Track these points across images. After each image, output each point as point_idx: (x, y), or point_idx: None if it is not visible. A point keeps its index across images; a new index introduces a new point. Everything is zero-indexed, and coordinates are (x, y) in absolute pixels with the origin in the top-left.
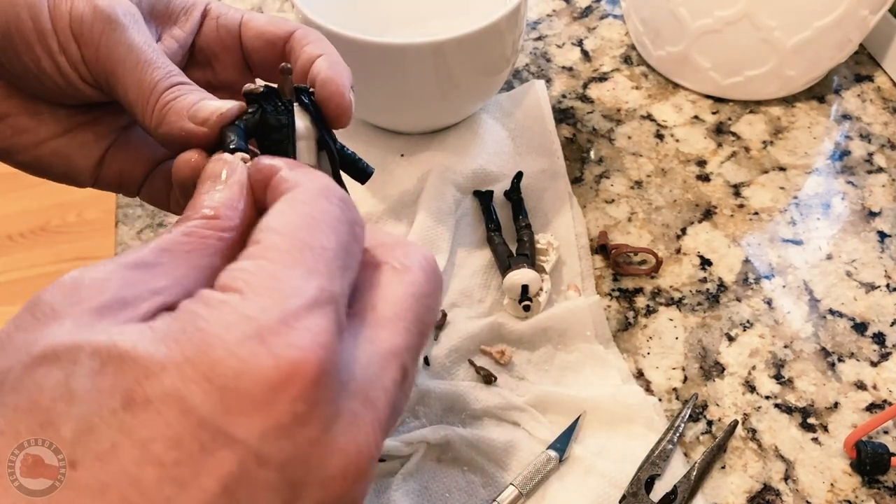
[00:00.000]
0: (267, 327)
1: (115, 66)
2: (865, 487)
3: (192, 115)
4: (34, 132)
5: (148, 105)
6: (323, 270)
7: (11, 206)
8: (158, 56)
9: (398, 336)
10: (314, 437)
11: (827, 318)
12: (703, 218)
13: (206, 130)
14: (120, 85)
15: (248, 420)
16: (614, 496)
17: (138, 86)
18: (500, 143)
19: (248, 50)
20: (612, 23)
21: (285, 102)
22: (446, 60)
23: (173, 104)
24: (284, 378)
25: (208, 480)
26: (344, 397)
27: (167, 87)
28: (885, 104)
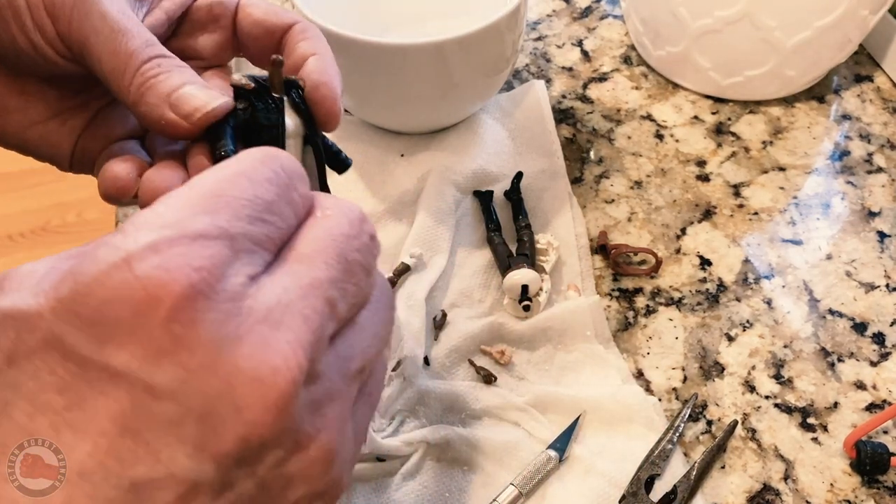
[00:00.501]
0: (134, 254)
1: (89, 37)
2: (865, 487)
3: (175, 103)
4: (23, 113)
5: (125, 77)
6: (224, 214)
7: (11, 206)
8: (134, 25)
9: (317, 269)
10: (206, 362)
11: (827, 318)
12: (702, 218)
13: (188, 127)
14: (94, 55)
15: (124, 349)
16: (614, 496)
17: (113, 55)
18: (500, 143)
19: (243, 34)
20: (612, 23)
21: (276, 100)
22: (446, 60)
23: (154, 82)
24: (151, 298)
25: (103, 421)
26: (244, 321)
27: (146, 60)
28: (884, 104)
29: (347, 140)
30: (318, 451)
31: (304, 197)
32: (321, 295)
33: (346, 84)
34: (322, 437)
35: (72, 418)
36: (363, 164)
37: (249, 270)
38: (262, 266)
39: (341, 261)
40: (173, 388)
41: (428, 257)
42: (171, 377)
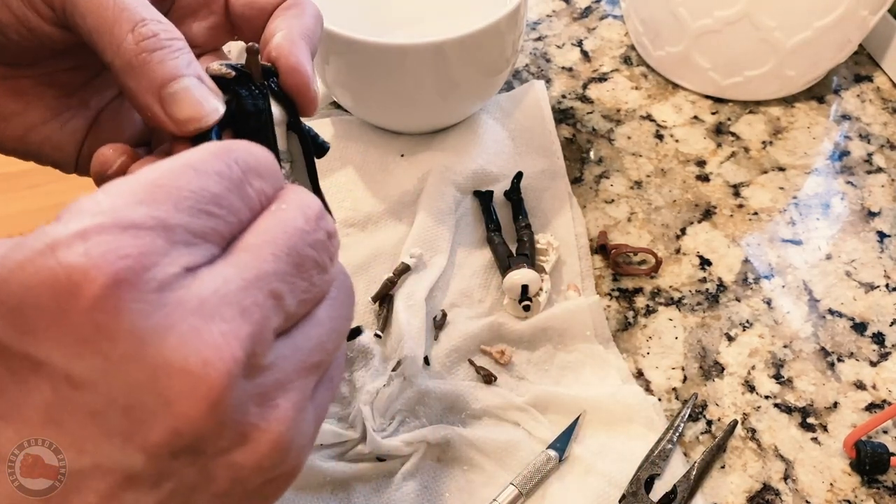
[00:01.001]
0: (61, 240)
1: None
2: (865, 487)
3: (168, 101)
4: (22, 117)
5: (113, 34)
6: (164, 205)
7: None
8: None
9: (263, 261)
10: (130, 352)
11: (826, 318)
12: (702, 218)
13: (175, 131)
14: (78, 11)
15: (45, 338)
16: (614, 496)
17: (101, 9)
18: (500, 143)
19: (236, 16)
20: (612, 23)
21: (260, 87)
22: (446, 61)
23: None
24: (72, 286)
25: (28, 411)
26: (173, 312)
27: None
28: (884, 104)
29: (347, 140)
30: (270, 443)
31: (260, 192)
32: (265, 287)
33: (346, 84)
34: (273, 428)
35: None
36: (363, 164)
37: (186, 262)
38: (205, 258)
39: (292, 254)
40: (95, 379)
41: (428, 257)
42: (92, 367)
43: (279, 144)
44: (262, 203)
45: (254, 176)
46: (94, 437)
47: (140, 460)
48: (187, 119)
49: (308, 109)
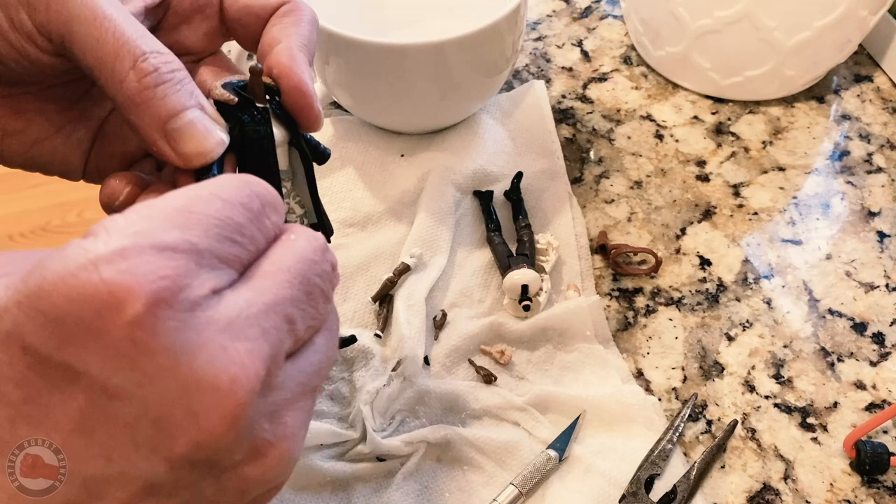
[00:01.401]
0: (102, 257)
1: (70, 24)
2: (865, 487)
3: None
4: (25, 133)
5: (115, 70)
6: (195, 230)
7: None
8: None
9: (279, 287)
10: (165, 367)
11: (826, 318)
12: (702, 218)
13: (180, 164)
14: (77, 44)
15: (85, 349)
16: (614, 496)
17: (99, 44)
18: (500, 143)
19: (231, 21)
20: (612, 23)
21: (261, 111)
22: (446, 61)
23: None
24: (115, 301)
25: (61, 417)
26: (204, 331)
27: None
28: (884, 104)
29: (347, 140)
30: (277, 457)
31: (275, 225)
32: (281, 311)
33: (346, 84)
34: (281, 444)
35: (28, 412)
36: (363, 164)
37: (213, 284)
38: (227, 282)
39: (304, 283)
40: (130, 391)
41: (428, 257)
42: (128, 380)
43: (280, 164)
44: (275, 234)
45: (271, 210)
46: (123, 447)
47: (162, 470)
48: (193, 154)
49: (312, 127)
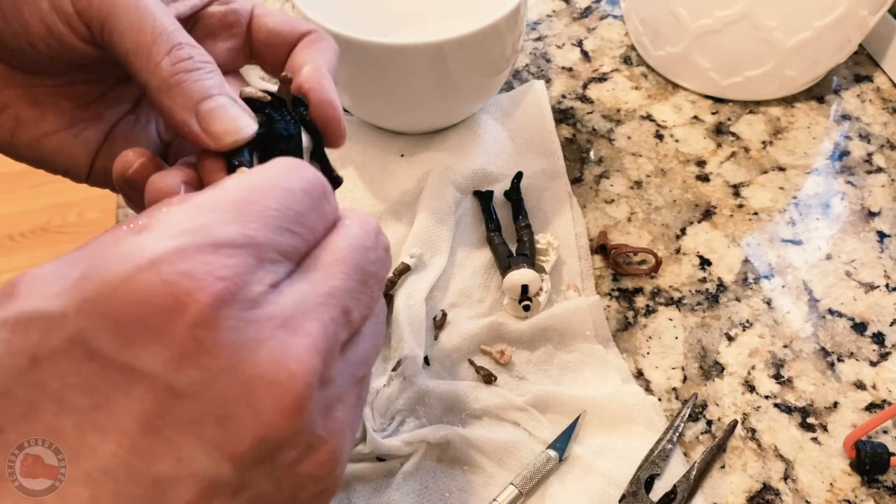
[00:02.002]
0: (161, 257)
1: (112, 11)
2: (865, 487)
3: (204, 117)
4: (36, 125)
5: (151, 56)
6: (254, 223)
7: (12, 206)
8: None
9: (335, 279)
10: (227, 365)
11: (826, 318)
12: (702, 218)
13: (211, 145)
14: (116, 31)
15: (149, 350)
16: (614, 496)
17: (138, 32)
18: (500, 143)
19: (258, 43)
20: (612, 23)
21: (292, 113)
22: (446, 61)
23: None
24: (177, 304)
25: (127, 421)
26: (264, 327)
27: (176, 44)
28: (884, 104)
29: (347, 140)
30: (328, 453)
31: (333, 209)
32: (338, 304)
33: (346, 84)
34: (333, 439)
35: (96, 418)
36: (363, 164)
37: (272, 279)
38: (285, 274)
39: (358, 272)
40: (195, 390)
41: (428, 257)
42: (193, 379)
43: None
44: (332, 220)
45: (330, 195)
46: (190, 446)
47: (227, 469)
48: (224, 132)
49: (337, 142)
